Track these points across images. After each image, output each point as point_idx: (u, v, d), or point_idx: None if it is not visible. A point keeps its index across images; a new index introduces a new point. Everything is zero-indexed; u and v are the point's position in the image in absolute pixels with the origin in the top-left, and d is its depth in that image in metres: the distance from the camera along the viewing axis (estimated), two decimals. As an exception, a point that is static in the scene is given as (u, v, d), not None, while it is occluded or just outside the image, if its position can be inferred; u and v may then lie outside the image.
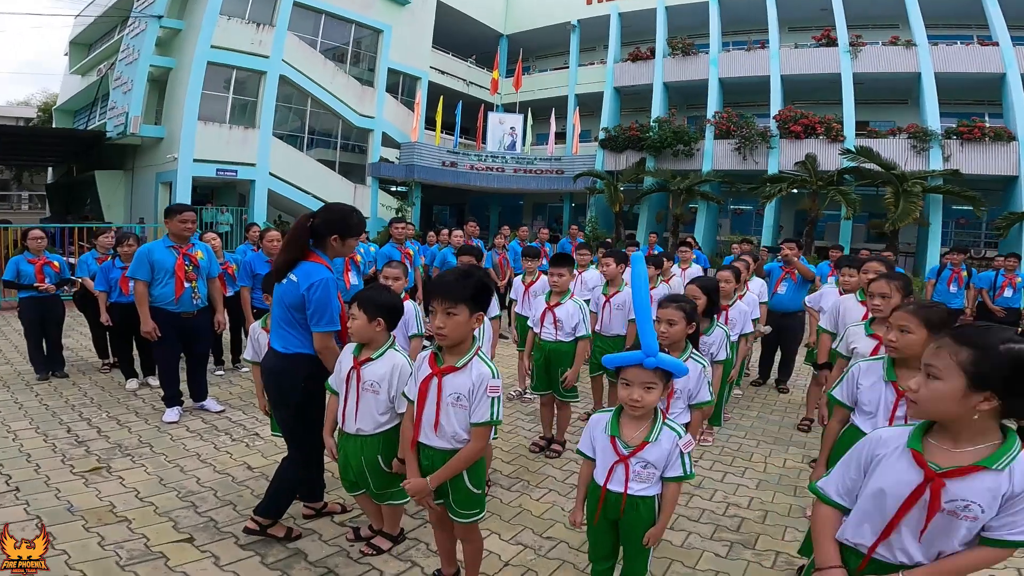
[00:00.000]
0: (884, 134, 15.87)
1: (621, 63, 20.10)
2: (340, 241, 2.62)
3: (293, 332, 2.58)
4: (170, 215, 4.24)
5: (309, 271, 2.51)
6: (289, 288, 2.54)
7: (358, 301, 2.35)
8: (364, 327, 2.33)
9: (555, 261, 3.91)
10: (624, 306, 4.38)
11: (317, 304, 2.47)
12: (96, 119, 20.03)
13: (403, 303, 2.73)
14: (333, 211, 2.65)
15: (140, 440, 4.03)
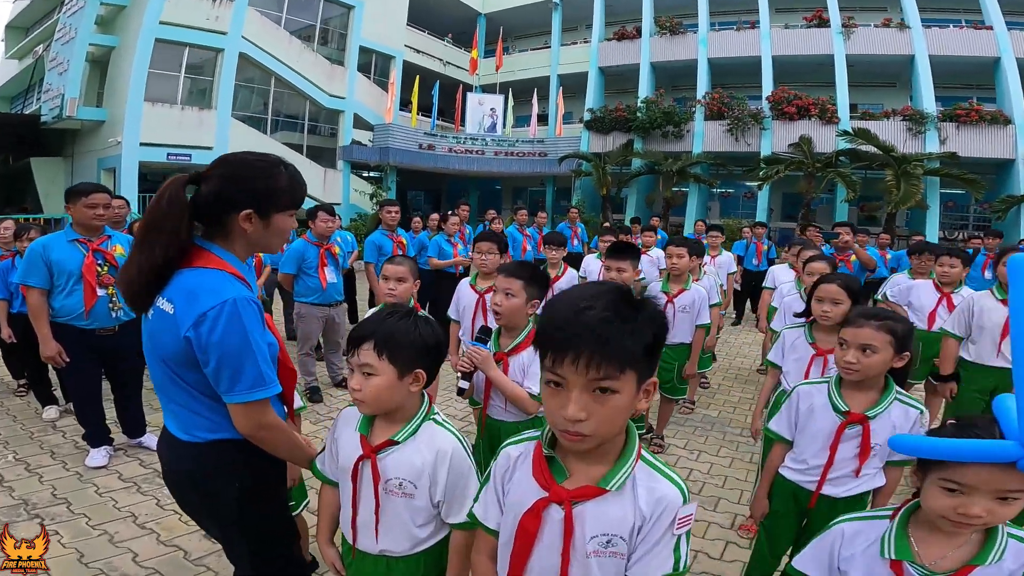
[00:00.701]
0: (878, 116, 15.67)
1: (606, 42, 19.35)
2: (260, 222, 1.42)
3: (193, 406, 1.42)
4: (73, 198, 3.09)
5: (195, 289, 1.33)
6: (160, 326, 1.37)
7: (374, 340, 1.34)
8: (389, 388, 1.34)
9: (614, 252, 3.04)
10: (692, 308, 3.52)
11: (222, 353, 1.30)
12: (33, 104, 18.40)
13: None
14: (241, 164, 1.42)
15: (54, 494, 3.07)
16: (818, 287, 2.52)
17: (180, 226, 1.35)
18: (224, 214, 1.40)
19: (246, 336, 1.33)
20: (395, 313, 1.41)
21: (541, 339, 0.94)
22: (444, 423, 1.44)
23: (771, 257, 8.14)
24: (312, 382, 4.71)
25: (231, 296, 1.32)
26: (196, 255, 1.39)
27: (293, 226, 1.53)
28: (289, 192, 1.46)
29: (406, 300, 2.67)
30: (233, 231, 1.42)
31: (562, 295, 0.96)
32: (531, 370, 2.13)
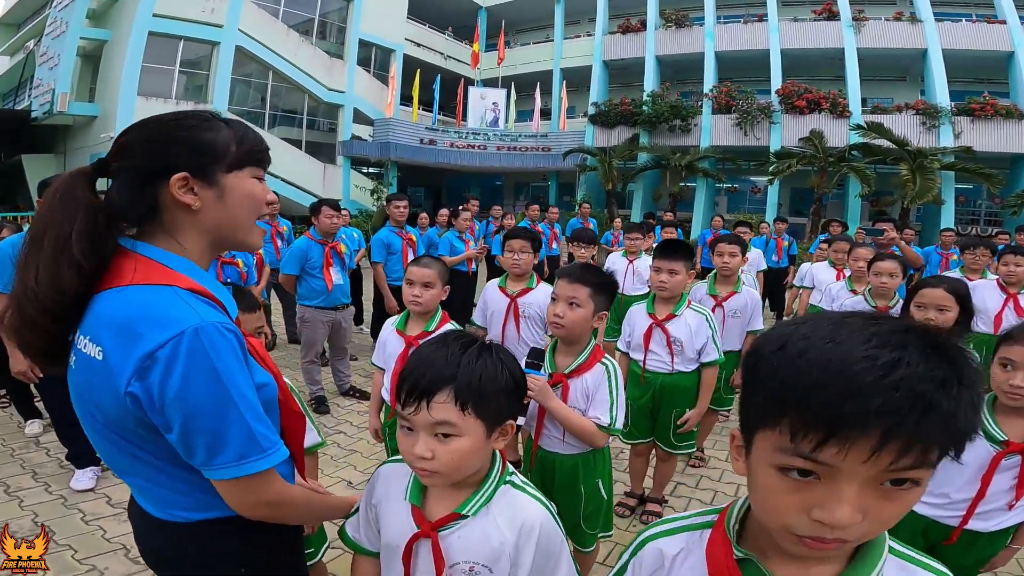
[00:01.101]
0: (890, 110, 15.39)
1: (610, 35, 18.95)
2: (206, 189, 0.99)
3: (165, 482, 0.99)
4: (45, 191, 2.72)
5: (130, 320, 0.89)
6: (88, 379, 0.94)
7: (454, 389, 0.94)
8: (475, 451, 0.98)
9: (666, 252, 2.61)
10: (744, 313, 3.16)
11: (188, 413, 0.88)
12: (24, 100, 18.04)
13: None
14: (158, 122, 1.00)
15: (36, 521, 2.77)
16: (919, 292, 2.17)
17: (72, 232, 0.90)
18: (149, 193, 0.96)
19: (221, 383, 0.88)
20: (464, 345, 1.01)
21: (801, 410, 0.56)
22: (525, 486, 1.08)
23: (792, 254, 7.81)
24: (318, 391, 4.36)
25: (191, 324, 0.87)
26: (124, 267, 0.93)
27: (262, 193, 1.07)
28: (236, 140, 1.01)
29: (433, 308, 2.31)
30: (173, 216, 0.98)
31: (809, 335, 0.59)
32: (597, 396, 1.79)
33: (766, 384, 0.59)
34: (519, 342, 2.93)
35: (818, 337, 0.58)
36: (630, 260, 4.78)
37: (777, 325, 0.66)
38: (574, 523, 1.99)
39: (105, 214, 0.94)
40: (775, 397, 0.57)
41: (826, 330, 0.58)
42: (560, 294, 1.82)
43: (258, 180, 1.06)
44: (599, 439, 1.82)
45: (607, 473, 2.00)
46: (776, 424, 0.57)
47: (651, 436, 2.79)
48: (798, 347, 0.58)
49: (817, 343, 0.57)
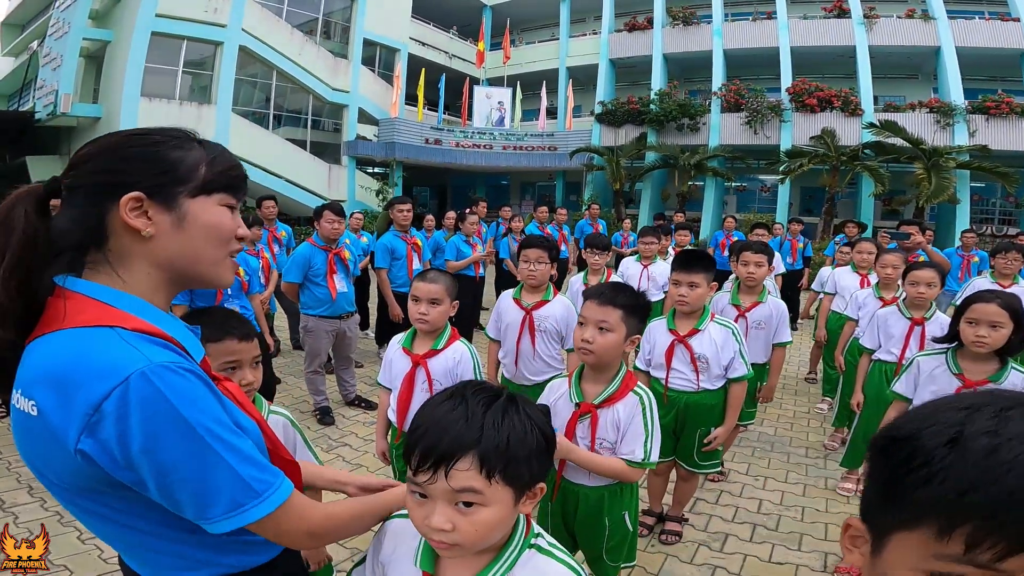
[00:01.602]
0: (903, 108, 15.16)
1: (616, 33, 18.74)
2: (162, 213, 0.84)
3: (149, 543, 0.86)
4: None
5: (65, 370, 0.75)
6: (27, 436, 0.80)
7: (478, 455, 0.81)
8: (502, 521, 0.86)
9: (686, 263, 2.43)
10: (769, 324, 2.99)
11: (160, 468, 0.75)
12: (28, 101, 17.93)
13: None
14: (117, 138, 0.86)
15: (31, 541, 2.58)
16: (970, 307, 2.01)
17: (14, 264, 0.78)
18: (94, 215, 0.82)
19: (187, 426, 0.76)
20: (486, 402, 0.86)
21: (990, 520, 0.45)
22: (551, 549, 0.94)
23: (807, 255, 7.61)
24: (322, 402, 4.22)
25: (135, 368, 0.74)
26: (56, 309, 0.80)
27: (229, 224, 0.92)
28: (207, 161, 0.88)
29: (441, 325, 2.16)
30: (120, 244, 0.84)
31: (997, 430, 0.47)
32: (631, 429, 1.63)
33: (932, 484, 0.48)
34: (534, 357, 2.78)
35: (1010, 434, 0.47)
36: (644, 265, 4.62)
37: (930, 408, 0.52)
38: (596, 555, 1.88)
39: (45, 245, 0.80)
40: (952, 502, 0.47)
41: (1016, 425, 0.47)
42: (589, 317, 1.67)
43: (229, 209, 0.91)
44: (632, 476, 1.68)
45: (633, 505, 1.87)
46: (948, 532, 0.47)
47: (672, 455, 2.63)
48: (984, 444, 0.47)
49: (1012, 443, 0.46)
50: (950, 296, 5.36)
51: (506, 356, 2.85)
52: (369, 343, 6.16)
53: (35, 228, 0.80)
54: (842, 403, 3.70)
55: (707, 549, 2.72)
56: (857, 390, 3.09)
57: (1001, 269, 4.05)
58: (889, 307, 3.11)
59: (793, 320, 7.63)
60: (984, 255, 6.29)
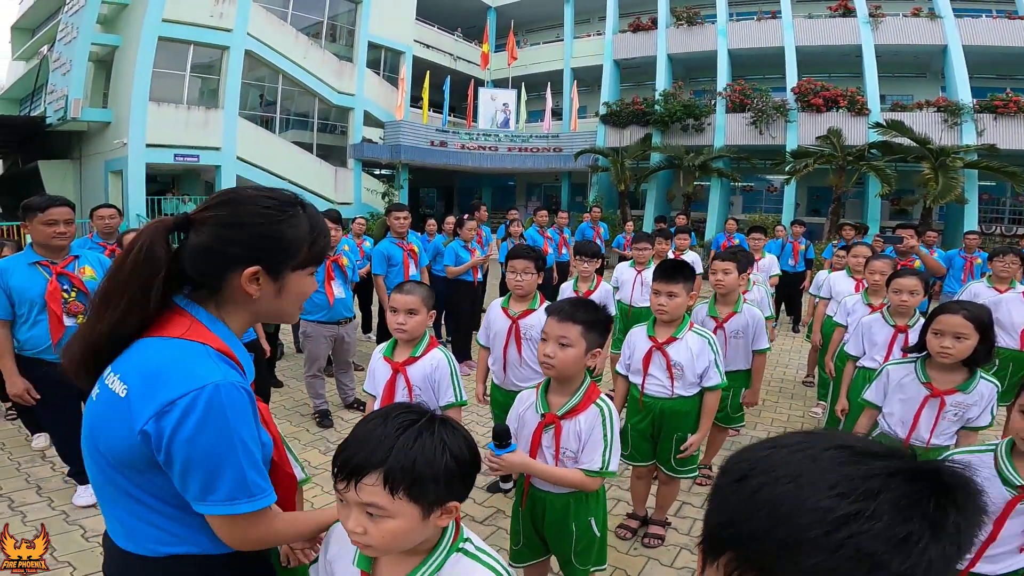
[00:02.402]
0: (911, 107, 15.03)
1: (620, 34, 18.71)
2: (271, 283, 1.07)
3: (147, 516, 1.03)
4: (28, 214, 2.67)
5: (160, 368, 0.97)
6: (105, 412, 1.00)
7: (383, 473, 0.90)
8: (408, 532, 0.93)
9: (665, 274, 2.49)
10: (747, 333, 3.04)
11: (192, 456, 0.95)
12: (39, 106, 18.16)
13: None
14: (244, 204, 1.04)
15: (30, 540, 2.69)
16: (936, 317, 2.05)
17: (150, 291, 1.00)
18: (220, 273, 1.04)
19: (228, 433, 0.97)
20: (409, 422, 0.94)
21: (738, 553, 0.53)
22: (478, 553, 1.01)
23: (808, 257, 7.60)
24: (321, 405, 4.30)
25: (211, 381, 0.97)
26: (171, 320, 1.04)
27: (312, 288, 1.15)
28: (310, 241, 1.09)
29: (419, 334, 2.24)
30: (232, 295, 1.07)
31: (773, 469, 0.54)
32: (591, 439, 1.69)
33: (712, 517, 0.56)
34: (521, 364, 2.84)
35: (782, 473, 0.52)
36: (638, 271, 4.65)
37: (754, 447, 0.57)
38: (566, 559, 1.95)
39: (178, 275, 1.04)
40: (718, 534, 0.55)
41: (795, 466, 0.52)
42: (550, 333, 1.73)
43: (312, 275, 1.14)
44: (590, 485, 1.74)
45: (600, 511, 1.93)
46: (714, 559, 0.55)
47: (653, 459, 2.69)
48: (755, 483, 0.53)
49: (778, 481, 0.52)
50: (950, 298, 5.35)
51: (495, 363, 2.92)
52: (371, 346, 6.25)
53: (170, 262, 1.02)
54: (831, 408, 3.73)
55: (689, 553, 2.76)
56: (841, 396, 3.12)
57: (998, 272, 4.04)
58: (874, 314, 3.14)
59: (795, 322, 7.63)
60: (951, 254, 6.27)
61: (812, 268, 7.57)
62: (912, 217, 14.59)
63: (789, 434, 0.58)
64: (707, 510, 0.58)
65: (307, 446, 3.93)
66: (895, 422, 2.26)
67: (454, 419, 1.02)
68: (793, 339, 7.29)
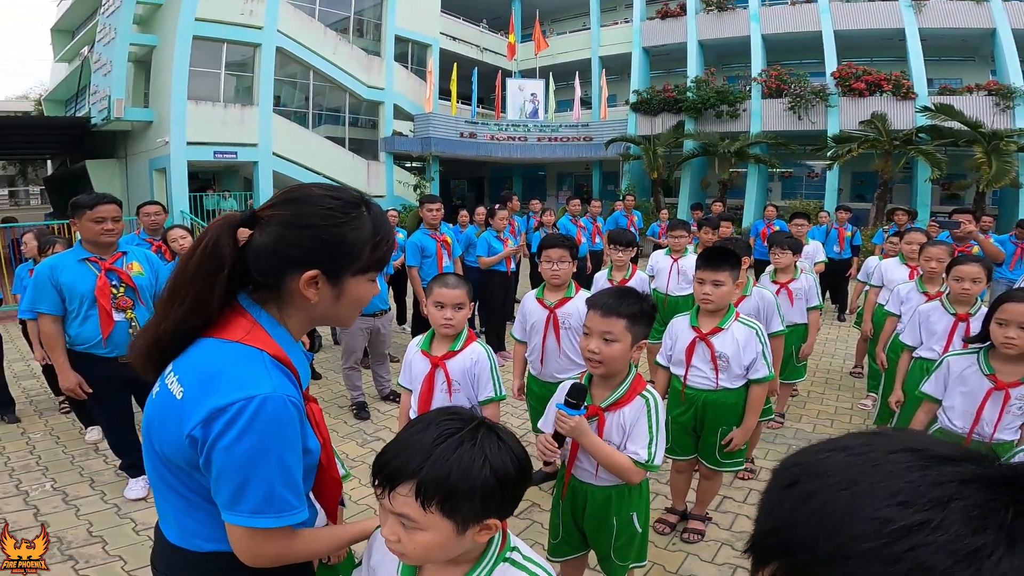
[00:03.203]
0: (960, 91, 14.35)
1: (648, 21, 18.28)
2: (329, 288, 1.04)
3: (193, 514, 1.04)
4: (77, 212, 2.72)
5: (216, 372, 0.97)
6: (162, 412, 1.01)
7: (416, 484, 0.86)
8: (442, 546, 0.89)
9: (710, 261, 2.39)
10: (757, 317, 2.94)
11: (228, 463, 0.93)
12: (84, 107, 18.76)
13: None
14: (308, 204, 1.02)
15: (90, 531, 2.84)
16: (1000, 306, 1.93)
17: (214, 288, 0.99)
18: (279, 274, 1.02)
19: (266, 447, 0.95)
20: (451, 431, 0.89)
21: (785, 565, 0.48)
22: (526, 563, 0.97)
23: (855, 244, 7.32)
24: (358, 397, 4.35)
25: (264, 392, 0.95)
26: (233, 320, 1.02)
27: (371, 294, 1.11)
28: (372, 245, 1.05)
29: (462, 327, 2.20)
30: (291, 298, 1.04)
31: (829, 473, 0.49)
32: (636, 430, 1.64)
33: (759, 523, 0.52)
34: (559, 355, 2.79)
35: (838, 479, 0.47)
36: (674, 259, 4.54)
37: (810, 450, 0.52)
38: (605, 554, 1.90)
39: (242, 272, 1.01)
40: (764, 542, 0.50)
41: (853, 471, 0.47)
42: (593, 328, 1.67)
43: (373, 281, 1.10)
44: (634, 476, 1.68)
45: (643, 506, 1.88)
46: (760, 567, 0.50)
47: (694, 453, 2.61)
48: (807, 489, 0.48)
49: (832, 488, 0.46)
50: (1006, 285, 5.07)
51: (532, 354, 2.88)
52: (406, 338, 6.30)
53: (235, 258, 1.00)
54: (883, 401, 3.58)
55: (730, 549, 2.69)
56: (896, 388, 2.98)
57: None
58: (932, 302, 2.98)
59: (841, 310, 7.38)
60: (1004, 238, 5.92)
61: (859, 255, 7.30)
62: (963, 202, 13.96)
63: (851, 435, 0.53)
64: (756, 516, 0.54)
65: (345, 438, 3.97)
66: (956, 416, 2.15)
67: (505, 428, 0.96)
68: (839, 328, 7.05)
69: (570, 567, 2.08)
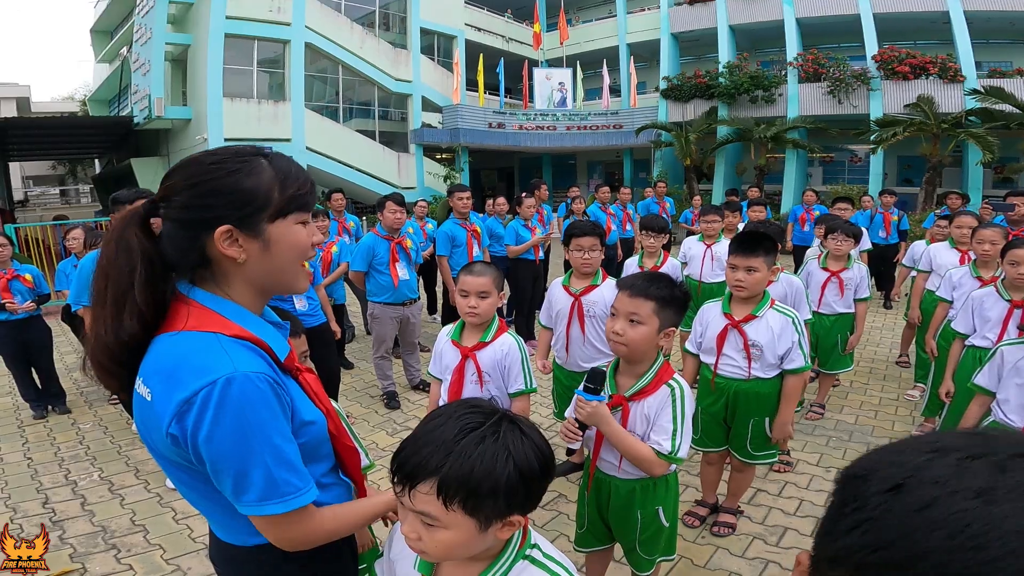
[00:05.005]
0: (1011, 74, 13.69)
1: (677, 7, 17.87)
2: (250, 241, 0.98)
3: (222, 509, 1.02)
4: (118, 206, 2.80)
5: (174, 366, 0.92)
6: (143, 417, 0.98)
7: (438, 482, 0.82)
8: (464, 544, 0.87)
9: (744, 246, 2.29)
10: (785, 303, 2.82)
11: (215, 455, 0.91)
12: (127, 106, 19.43)
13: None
14: (197, 165, 0.98)
15: (133, 520, 2.93)
16: None
17: (132, 285, 0.93)
18: (194, 243, 0.96)
19: (245, 430, 0.90)
20: (472, 426, 0.85)
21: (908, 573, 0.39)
22: (546, 561, 0.94)
23: (903, 229, 7.01)
24: (389, 387, 4.39)
25: (223, 374, 0.90)
26: (176, 311, 0.98)
27: (306, 240, 1.03)
28: (279, 187, 0.98)
29: (490, 317, 2.17)
30: (220, 266, 0.99)
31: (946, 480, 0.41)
32: (660, 420, 1.58)
33: (855, 532, 0.43)
34: (584, 343, 2.75)
35: (962, 486, 0.39)
36: (708, 244, 4.42)
37: (899, 449, 0.46)
38: (630, 547, 1.86)
39: (161, 262, 0.97)
40: (865, 554, 0.42)
41: (979, 477, 0.39)
42: (620, 309, 1.62)
43: (303, 225, 1.03)
44: (657, 468, 1.62)
45: (670, 500, 1.81)
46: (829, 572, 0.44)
47: (725, 444, 2.53)
48: (923, 496, 0.40)
49: (958, 495, 0.39)
50: None
51: (557, 343, 2.84)
52: (436, 327, 6.33)
53: (148, 248, 0.96)
54: (933, 391, 3.42)
55: (762, 543, 2.60)
56: (947, 378, 2.83)
57: None
58: (986, 288, 2.81)
59: (887, 296, 7.10)
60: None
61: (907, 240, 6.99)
62: (1017, 185, 13.23)
63: (944, 434, 0.46)
64: (834, 523, 0.46)
65: (375, 428, 4.01)
66: (1011, 409, 2.02)
67: (528, 421, 0.93)
68: (885, 316, 6.77)
69: (595, 559, 2.05)
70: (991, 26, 14.67)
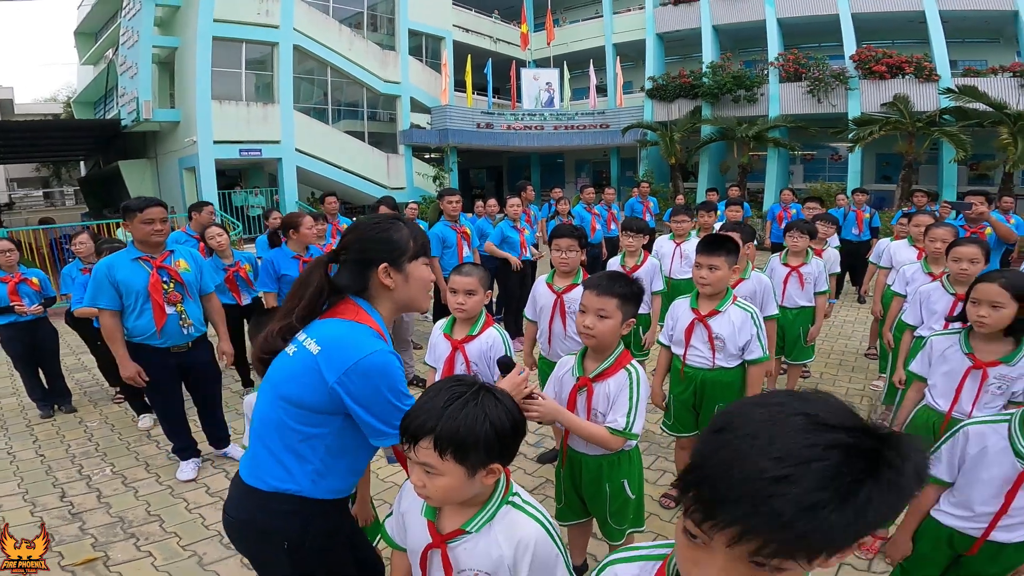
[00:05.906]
0: (984, 73, 14.05)
1: (662, 7, 18.08)
2: (397, 274, 1.48)
3: (280, 453, 1.41)
4: (128, 215, 2.97)
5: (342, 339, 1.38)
6: (301, 366, 1.40)
7: (434, 438, 1.09)
8: (458, 488, 1.12)
9: (708, 247, 2.53)
10: (754, 300, 3.09)
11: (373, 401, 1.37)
12: (113, 108, 19.28)
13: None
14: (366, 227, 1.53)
15: (148, 511, 3.10)
16: (975, 287, 2.03)
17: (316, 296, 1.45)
18: (366, 275, 1.47)
19: (387, 386, 1.37)
20: (457, 395, 1.13)
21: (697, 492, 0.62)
22: (525, 505, 1.22)
23: (874, 226, 7.31)
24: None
25: (378, 348, 1.37)
26: (347, 307, 1.46)
27: (430, 276, 1.56)
28: (413, 239, 1.50)
29: (477, 313, 2.40)
30: (377, 290, 1.49)
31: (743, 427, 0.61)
32: (618, 400, 1.81)
33: (692, 456, 0.64)
34: (565, 337, 2.97)
35: (747, 432, 0.60)
36: (677, 243, 4.69)
37: (745, 402, 0.65)
38: (603, 519, 2.08)
39: (328, 291, 1.46)
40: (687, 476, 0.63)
41: (759, 426, 0.60)
42: (589, 306, 1.85)
43: (427, 265, 1.54)
44: (612, 443, 1.83)
45: (634, 473, 2.04)
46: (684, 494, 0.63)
47: (696, 430, 2.77)
48: (726, 436, 0.61)
49: (740, 438, 0.59)
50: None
51: (541, 336, 3.06)
52: (428, 325, 6.52)
53: (322, 283, 1.45)
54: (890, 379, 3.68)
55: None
56: (899, 367, 3.08)
57: None
58: (933, 282, 3.07)
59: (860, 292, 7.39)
60: None
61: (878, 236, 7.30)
62: (992, 182, 13.65)
63: (776, 392, 0.65)
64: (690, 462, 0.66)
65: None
66: (939, 394, 2.21)
67: (502, 390, 1.20)
68: (857, 310, 7.07)
69: (576, 532, 2.28)
70: (967, 25, 15.01)
